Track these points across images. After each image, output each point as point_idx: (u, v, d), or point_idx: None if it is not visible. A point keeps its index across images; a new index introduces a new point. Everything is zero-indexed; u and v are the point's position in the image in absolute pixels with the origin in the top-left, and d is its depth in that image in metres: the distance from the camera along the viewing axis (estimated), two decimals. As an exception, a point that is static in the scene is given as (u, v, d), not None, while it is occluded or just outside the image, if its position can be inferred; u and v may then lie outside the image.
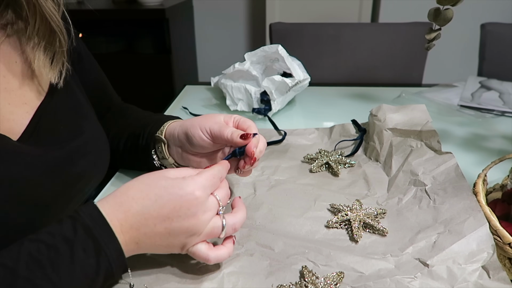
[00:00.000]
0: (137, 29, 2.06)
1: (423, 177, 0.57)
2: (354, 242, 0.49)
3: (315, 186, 0.60)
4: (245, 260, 0.46)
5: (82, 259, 0.36)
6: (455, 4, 0.69)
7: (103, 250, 0.37)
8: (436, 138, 0.63)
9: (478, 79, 1.07)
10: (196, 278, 0.44)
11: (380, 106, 0.72)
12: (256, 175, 0.63)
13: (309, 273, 0.43)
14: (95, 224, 0.38)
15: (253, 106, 0.87)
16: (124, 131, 0.62)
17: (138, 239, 0.40)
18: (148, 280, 0.44)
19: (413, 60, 1.30)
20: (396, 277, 0.42)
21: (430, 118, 0.67)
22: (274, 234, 0.50)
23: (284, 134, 0.75)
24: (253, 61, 0.91)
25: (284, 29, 1.29)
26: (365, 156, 0.68)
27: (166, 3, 2.00)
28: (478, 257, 0.43)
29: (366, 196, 0.58)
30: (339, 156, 0.66)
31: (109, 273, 0.38)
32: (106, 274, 0.38)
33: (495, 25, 1.22)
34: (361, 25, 1.52)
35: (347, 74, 1.30)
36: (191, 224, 0.40)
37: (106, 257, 0.37)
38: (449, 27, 0.74)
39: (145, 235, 0.40)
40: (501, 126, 0.83)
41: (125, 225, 0.39)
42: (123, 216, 0.39)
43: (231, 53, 2.38)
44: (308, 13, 2.01)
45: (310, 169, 0.64)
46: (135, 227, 0.39)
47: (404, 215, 0.52)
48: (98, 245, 0.37)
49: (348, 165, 0.65)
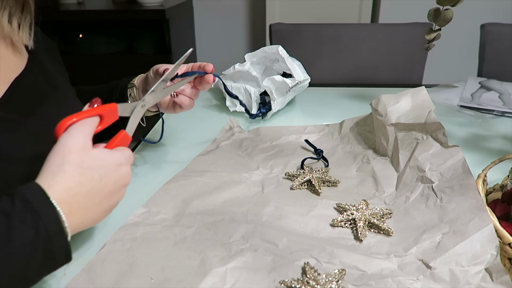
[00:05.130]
0: (137, 30, 2.06)
1: (430, 174, 0.57)
2: (359, 241, 0.49)
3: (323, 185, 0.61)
4: (249, 256, 0.46)
5: (19, 230, 0.36)
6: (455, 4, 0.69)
7: (43, 224, 0.37)
8: (442, 130, 0.62)
9: (478, 79, 1.07)
10: (200, 272, 0.44)
11: (379, 98, 0.71)
12: (265, 173, 0.64)
13: (311, 270, 0.43)
14: (34, 199, 0.38)
15: (252, 107, 0.87)
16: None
17: (84, 218, 0.42)
18: (153, 271, 0.44)
19: (413, 60, 1.30)
20: (398, 277, 0.43)
21: (432, 105, 0.66)
22: (279, 230, 0.50)
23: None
24: (253, 62, 0.91)
25: (284, 29, 1.29)
26: (372, 152, 0.69)
27: (166, 3, 2.00)
28: (481, 259, 0.43)
29: (373, 196, 0.58)
30: (323, 174, 0.62)
31: (49, 252, 0.38)
32: (45, 252, 0.37)
33: (495, 25, 1.22)
34: (361, 25, 1.52)
35: (347, 75, 1.30)
36: (123, 186, 0.46)
37: (45, 233, 0.37)
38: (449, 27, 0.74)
39: (92, 212, 0.42)
40: (501, 126, 0.83)
41: (75, 207, 0.40)
42: (74, 199, 0.40)
43: (231, 54, 2.38)
44: (308, 14, 2.01)
45: (290, 187, 0.60)
46: (83, 207, 0.41)
47: (410, 214, 0.53)
48: (38, 218, 0.37)
49: (331, 184, 0.61)
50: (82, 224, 0.42)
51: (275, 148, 0.72)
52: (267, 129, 0.79)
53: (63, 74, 0.66)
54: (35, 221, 0.37)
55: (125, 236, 0.49)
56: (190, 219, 0.53)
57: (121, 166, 0.45)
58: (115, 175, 0.44)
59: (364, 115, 0.76)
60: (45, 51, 0.63)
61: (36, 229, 0.36)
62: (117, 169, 0.44)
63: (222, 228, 0.51)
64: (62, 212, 0.39)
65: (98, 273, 0.44)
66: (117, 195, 0.45)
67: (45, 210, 0.38)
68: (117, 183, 0.44)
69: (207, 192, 0.58)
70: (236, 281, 0.43)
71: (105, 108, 0.46)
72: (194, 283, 0.42)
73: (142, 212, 0.54)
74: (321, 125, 0.79)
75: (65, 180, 0.40)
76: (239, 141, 0.75)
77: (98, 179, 0.42)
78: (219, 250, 0.47)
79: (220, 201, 0.57)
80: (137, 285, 0.43)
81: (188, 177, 0.62)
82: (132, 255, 0.47)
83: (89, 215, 0.42)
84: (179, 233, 0.50)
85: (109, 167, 0.43)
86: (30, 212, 0.37)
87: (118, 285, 0.43)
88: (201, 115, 0.91)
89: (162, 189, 0.59)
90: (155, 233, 0.50)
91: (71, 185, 0.40)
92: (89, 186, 0.41)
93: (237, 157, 0.69)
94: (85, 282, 0.43)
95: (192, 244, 0.48)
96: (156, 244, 0.48)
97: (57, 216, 0.38)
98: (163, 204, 0.56)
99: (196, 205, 0.56)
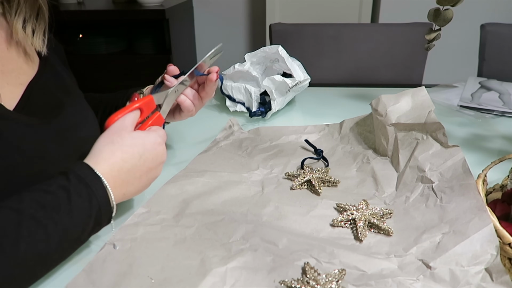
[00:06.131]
0: (137, 30, 2.06)
1: (430, 174, 0.57)
2: (359, 241, 0.49)
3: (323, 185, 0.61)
4: (249, 255, 0.46)
5: (78, 202, 0.43)
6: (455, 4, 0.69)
7: (95, 196, 0.44)
8: (442, 130, 0.62)
9: (478, 79, 1.07)
10: (200, 272, 0.44)
11: (379, 98, 0.71)
12: (265, 173, 0.64)
13: (311, 270, 0.43)
14: (86, 175, 0.44)
15: (253, 106, 0.87)
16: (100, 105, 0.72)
17: (126, 190, 0.48)
18: (153, 271, 0.44)
19: (413, 60, 1.30)
20: (398, 278, 0.43)
21: (432, 105, 0.66)
22: (279, 230, 0.50)
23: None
24: (253, 62, 0.91)
25: (284, 29, 1.29)
26: (372, 152, 0.69)
27: (166, 3, 2.00)
28: (481, 259, 0.43)
29: (373, 196, 0.58)
30: (323, 174, 0.62)
31: (98, 219, 0.45)
32: (96, 219, 0.44)
33: (495, 26, 1.22)
34: (361, 25, 1.52)
35: (347, 75, 1.30)
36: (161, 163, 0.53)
37: (97, 203, 0.44)
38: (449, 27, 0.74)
39: (133, 185, 0.49)
40: (501, 126, 0.83)
41: (118, 181, 0.47)
42: (117, 174, 0.47)
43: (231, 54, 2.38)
44: (308, 14, 2.02)
45: (290, 187, 0.60)
46: (125, 181, 0.48)
47: (410, 214, 0.53)
48: (90, 191, 0.44)
49: (331, 184, 0.61)
50: (124, 195, 0.48)
51: (275, 148, 0.72)
52: (267, 129, 0.79)
53: (72, 77, 0.67)
54: (89, 194, 0.44)
55: (125, 236, 0.49)
56: (190, 219, 0.53)
57: (158, 145, 0.51)
58: (153, 153, 0.50)
59: (364, 115, 0.76)
60: (54, 54, 0.63)
61: (90, 201, 0.43)
62: (154, 147, 0.51)
63: (222, 228, 0.51)
64: (108, 185, 0.45)
65: (98, 273, 0.44)
66: (155, 171, 0.52)
67: (96, 185, 0.44)
68: (154, 160, 0.51)
69: (207, 192, 0.58)
70: (236, 281, 0.43)
71: (142, 101, 0.55)
72: (194, 283, 0.42)
73: (142, 212, 0.54)
74: (321, 125, 0.79)
75: (109, 157, 0.47)
76: (239, 141, 0.75)
77: (138, 156, 0.49)
78: (219, 250, 0.47)
79: (220, 201, 0.57)
80: (137, 285, 0.43)
81: (188, 177, 0.62)
82: (132, 255, 0.46)
83: (130, 188, 0.49)
84: (179, 233, 0.50)
85: (147, 146, 0.50)
86: (84, 186, 0.43)
87: (118, 285, 0.43)
88: (201, 115, 0.91)
89: (162, 189, 0.59)
90: (155, 233, 0.50)
91: (115, 161, 0.47)
92: (131, 163, 0.48)
93: (237, 157, 0.69)
94: (85, 282, 0.43)
95: (192, 244, 0.48)
96: (156, 244, 0.48)
97: (105, 189, 0.45)
98: (163, 204, 0.56)
99: (196, 205, 0.56)
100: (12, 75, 0.53)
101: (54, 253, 0.42)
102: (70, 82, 0.64)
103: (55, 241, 0.41)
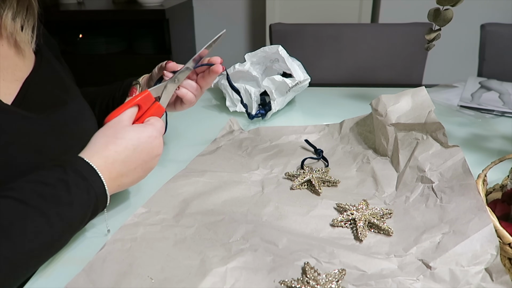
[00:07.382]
0: (137, 30, 2.06)
1: (430, 174, 0.57)
2: (359, 241, 0.49)
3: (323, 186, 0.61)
4: (249, 256, 0.46)
5: (77, 194, 0.44)
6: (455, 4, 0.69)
7: (93, 188, 0.46)
8: (442, 130, 0.62)
9: (478, 79, 1.07)
10: (200, 272, 0.44)
11: (379, 98, 0.71)
12: (265, 173, 0.64)
13: (311, 270, 0.43)
14: (82, 168, 0.46)
15: (253, 106, 0.87)
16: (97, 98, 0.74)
17: (121, 182, 0.50)
18: (153, 271, 0.44)
19: (413, 60, 1.30)
20: (398, 278, 0.43)
21: (432, 105, 0.66)
22: (279, 230, 0.50)
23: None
24: (253, 62, 0.91)
25: (284, 29, 1.29)
26: (372, 152, 0.69)
27: (166, 3, 2.00)
28: (481, 259, 0.43)
29: (373, 196, 0.58)
30: (323, 174, 0.62)
31: (95, 209, 0.47)
32: (93, 210, 0.47)
33: (495, 26, 1.22)
34: (361, 25, 1.52)
35: (347, 75, 1.30)
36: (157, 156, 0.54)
37: (95, 195, 0.46)
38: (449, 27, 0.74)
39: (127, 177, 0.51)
40: (501, 126, 0.83)
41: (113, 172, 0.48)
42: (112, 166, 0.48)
43: (231, 54, 2.38)
44: (308, 14, 2.02)
45: (290, 187, 0.60)
46: (120, 173, 0.49)
47: (410, 214, 0.53)
48: (88, 184, 0.45)
49: (331, 184, 0.61)
50: (119, 186, 0.50)
51: (275, 148, 0.72)
52: (267, 129, 0.79)
53: (68, 73, 0.67)
54: (86, 186, 0.45)
55: (125, 236, 0.49)
56: (190, 219, 0.53)
57: (153, 139, 0.52)
58: (148, 146, 0.51)
59: (364, 115, 0.76)
60: (49, 50, 0.63)
61: (88, 192, 0.45)
62: (149, 141, 0.51)
63: (222, 228, 0.51)
64: (103, 177, 0.47)
65: (98, 273, 0.44)
66: (150, 164, 0.53)
67: (92, 177, 0.46)
68: (150, 153, 0.52)
69: (207, 192, 0.58)
70: (236, 281, 0.43)
71: (139, 96, 0.55)
72: (194, 283, 0.42)
73: (142, 212, 0.54)
74: (321, 125, 0.79)
75: (103, 150, 0.48)
76: (239, 141, 0.75)
77: (132, 149, 0.50)
78: (219, 250, 0.47)
79: (220, 201, 0.57)
80: (137, 285, 0.43)
81: (188, 177, 0.62)
82: (132, 255, 0.47)
83: (125, 179, 0.50)
84: (179, 233, 0.50)
85: (142, 139, 0.51)
86: (81, 178, 0.45)
87: (118, 285, 0.43)
88: (201, 115, 0.91)
89: (162, 189, 0.59)
90: (155, 233, 0.50)
91: (108, 153, 0.48)
92: (124, 155, 0.49)
93: (237, 157, 0.69)
94: (85, 282, 0.43)
95: (192, 244, 0.48)
96: (156, 244, 0.48)
97: (101, 181, 0.47)
98: (163, 204, 0.56)
99: (196, 205, 0.56)
100: (7, 71, 0.54)
101: (57, 242, 0.44)
102: (67, 78, 0.65)
103: (58, 231, 0.43)
